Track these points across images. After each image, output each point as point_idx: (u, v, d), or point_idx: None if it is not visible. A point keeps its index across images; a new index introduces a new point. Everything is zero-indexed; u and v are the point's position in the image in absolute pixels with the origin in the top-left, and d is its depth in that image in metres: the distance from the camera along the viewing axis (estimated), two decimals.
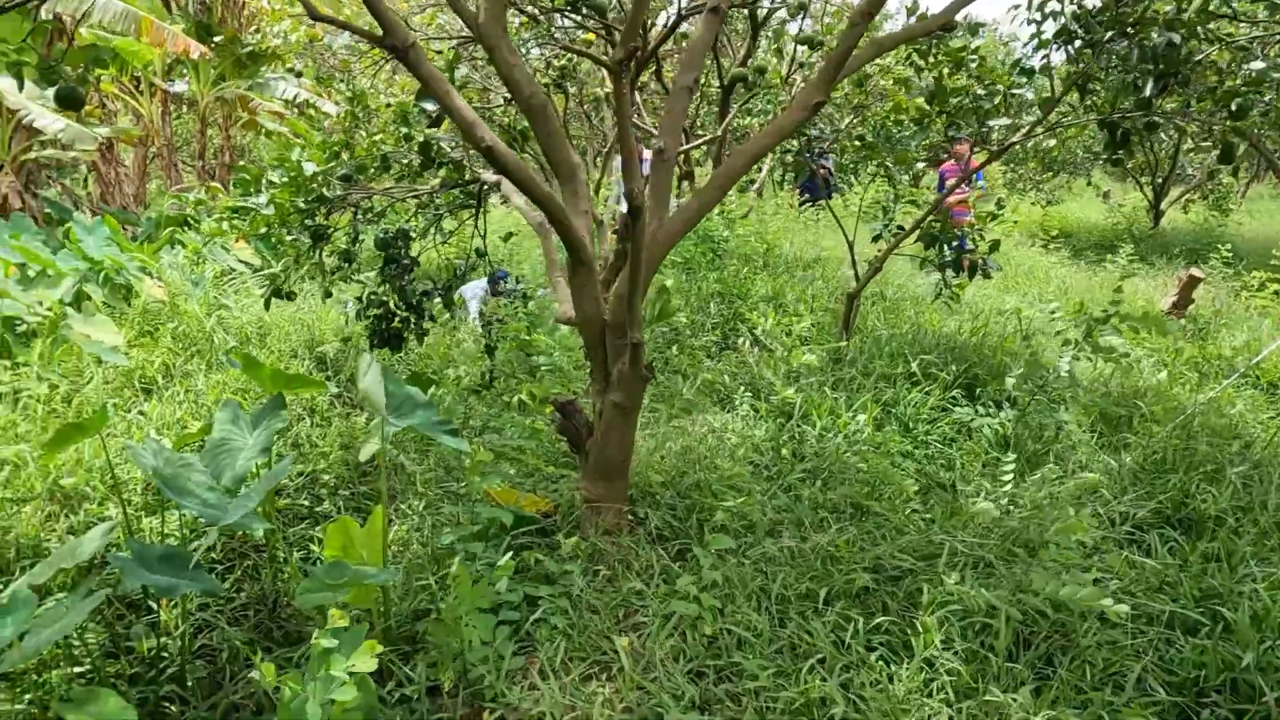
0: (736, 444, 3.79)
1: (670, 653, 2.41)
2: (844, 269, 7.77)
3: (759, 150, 2.60)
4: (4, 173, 8.07)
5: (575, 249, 2.71)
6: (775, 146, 2.64)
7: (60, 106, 2.51)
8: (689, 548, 2.94)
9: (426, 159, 4.65)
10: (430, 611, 3.14)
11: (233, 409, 3.65)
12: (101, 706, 2.53)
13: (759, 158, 2.62)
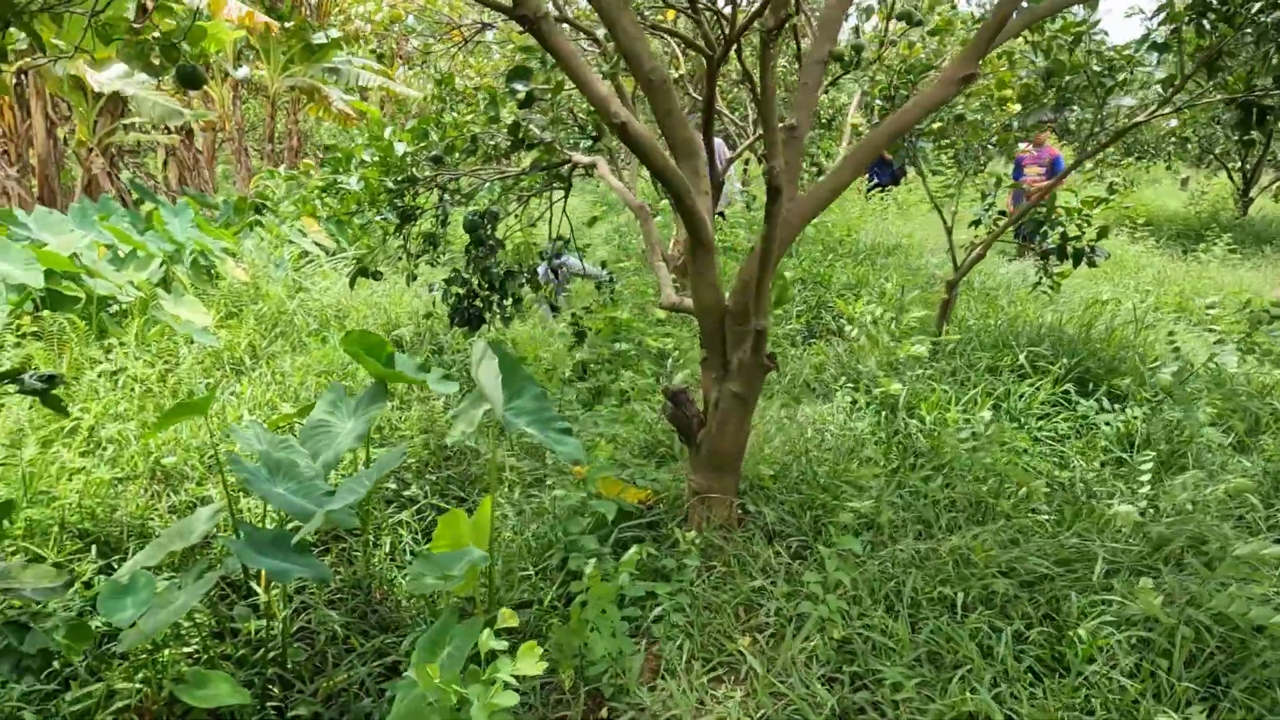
0: (840, 437, 3.64)
1: (800, 656, 2.29)
2: (927, 257, 7.51)
3: (899, 127, 2.44)
4: (93, 155, 8.25)
5: (697, 230, 2.59)
6: (920, 122, 2.48)
7: (181, 85, 2.47)
8: (806, 545, 2.82)
9: (516, 140, 4.57)
10: (531, 603, 3.08)
11: (338, 393, 3.62)
12: (215, 689, 2.52)
13: (899, 135, 2.47)
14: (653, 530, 3.13)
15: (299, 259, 7.20)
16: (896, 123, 2.44)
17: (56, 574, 1.84)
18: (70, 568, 3.01)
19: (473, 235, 4.86)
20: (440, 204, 4.77)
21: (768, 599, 2.57)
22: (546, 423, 2.72)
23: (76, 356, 4.55)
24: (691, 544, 2.58)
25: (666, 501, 3.21)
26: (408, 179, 4.51)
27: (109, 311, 5.21)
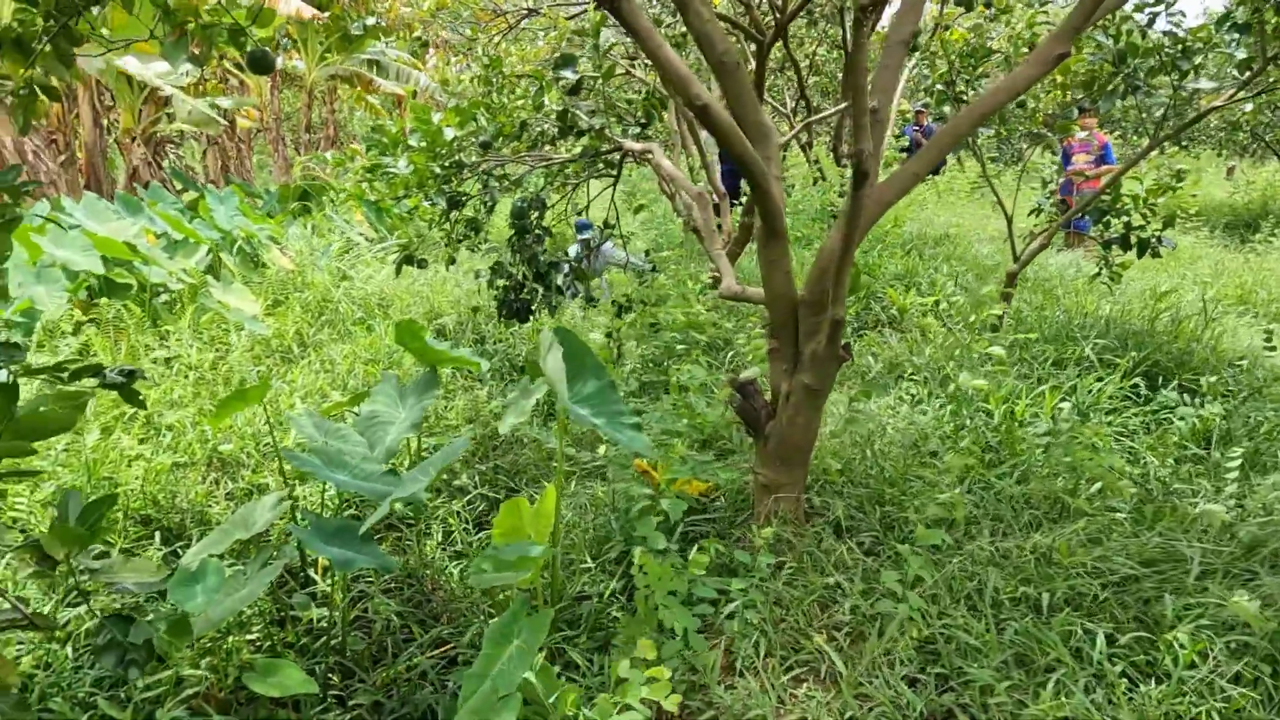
0: (904, 431, 3.55)
1: (882, 656, 2.22)
2: (976, 246, 7.36)
3: (987, 109, 2.34)
4: (135, 144, 8.32)
5: (772, 218, 2.51)
6: (1008, 104, 2.38)
7: (253, 70, 2.43)
8: (878, 541, 2.74)
9: (564, 127, 4.51)
10: (591, 596, 3.03)
11: (392, 382, 3.60)
12: (284, 678, 2.50)
13: (987, 117, 2.37)
14: (714, 523, 3.08)
15: (343, 248, 7.22)
16: (984, 105, 2.34)
17: (156, 569, 1.83)
18: (146, 556, 3.02)
19: (518, 224, 4.81)
20: (486, 190, 4.72)
21: (843, 596, 2.50)
22: (614, 415, 2.65)
23: (133, 344, 4.58)
24: (765, 539, 2.52)
25: (729, 495, 3.15)
26: (455, 164, 4.47)
27: (160, 299, 5.24)
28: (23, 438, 1.43)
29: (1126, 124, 8.93)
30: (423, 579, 3.47)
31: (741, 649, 2.28)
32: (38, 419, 1.43)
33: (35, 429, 1.44)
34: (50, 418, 1.44)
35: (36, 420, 1.43)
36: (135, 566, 1.78)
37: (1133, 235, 4.68)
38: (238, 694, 2.73)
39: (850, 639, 2.36)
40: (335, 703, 2.80)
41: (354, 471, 2.95)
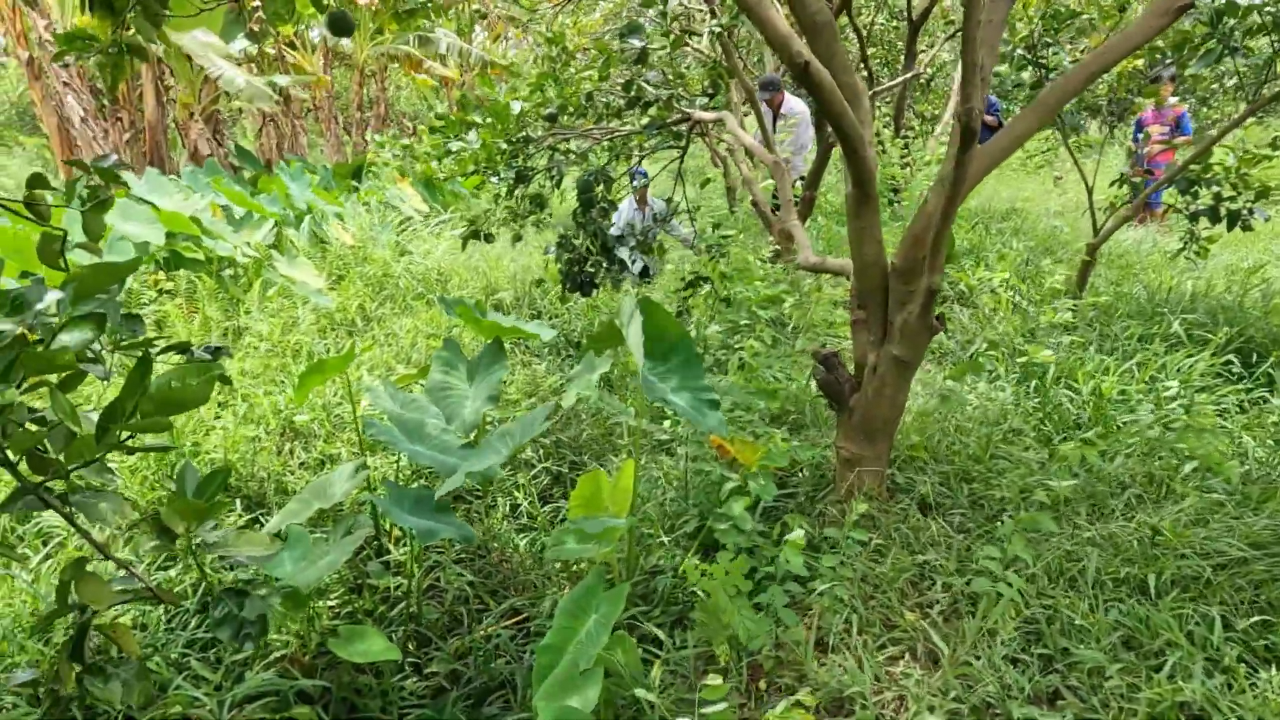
0: (983, 407, 3.44)
1: (982, 634, 2.15)
2: (1047, 220, 7.12)
3: (1100, 67, 2.22)
4: (194, 120, 8.44)
5: (864, 182, 2.42)
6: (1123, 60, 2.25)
7: (332, 31, 2.41)
8: (967, 519, 2.66)
9: (631, 98, 4.44)
10: (665, 570, 3.00)
11: (453, 351, 3.59)
12: (368, 645, 2.51)
13: (1098, 77, 2.25)
14: (793, 499, 3.02)
15: (400, 223, 7.25)
16: (1096, 63, 2.21)
17: (269, 542, 1.84)
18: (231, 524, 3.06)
19: (584, 197, 4.76)
20: (553, 164, 4.67)
21: (935, 574, 2.43)
22: (694, 391, 2.58)
23: (206, 316, 4.65)
24: (857, 516, 2.45)
25: (809, 469, 3.09)
26: (523, 139, 4.43)
27: (226, 273, 5.32)
28: (159, 412, 1.43)
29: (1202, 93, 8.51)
30: (490, 550, 3.48)
31: (834, 625, 2.22)
32: (173, 393, 1.43)
33: (171, 402, 1.44)
34: (185, 392, 1.44)
35: (171, 394, 1.43)
36: (249, 539, 1.79)
37: (1222, 207, 4.46)
38: (319, 658, 2.76)
39: (945, 617, 2.29)
40: (413, 670, 2.83)
41: (433, 444, 2.95)
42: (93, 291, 1.38)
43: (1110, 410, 3.25)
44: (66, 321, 1.34)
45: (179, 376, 1.45)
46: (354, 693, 2.66)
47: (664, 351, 2.66)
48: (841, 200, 7.92)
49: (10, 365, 1.24)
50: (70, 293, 1.37)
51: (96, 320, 1.38)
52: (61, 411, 1.29)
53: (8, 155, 16.27)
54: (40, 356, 1.26)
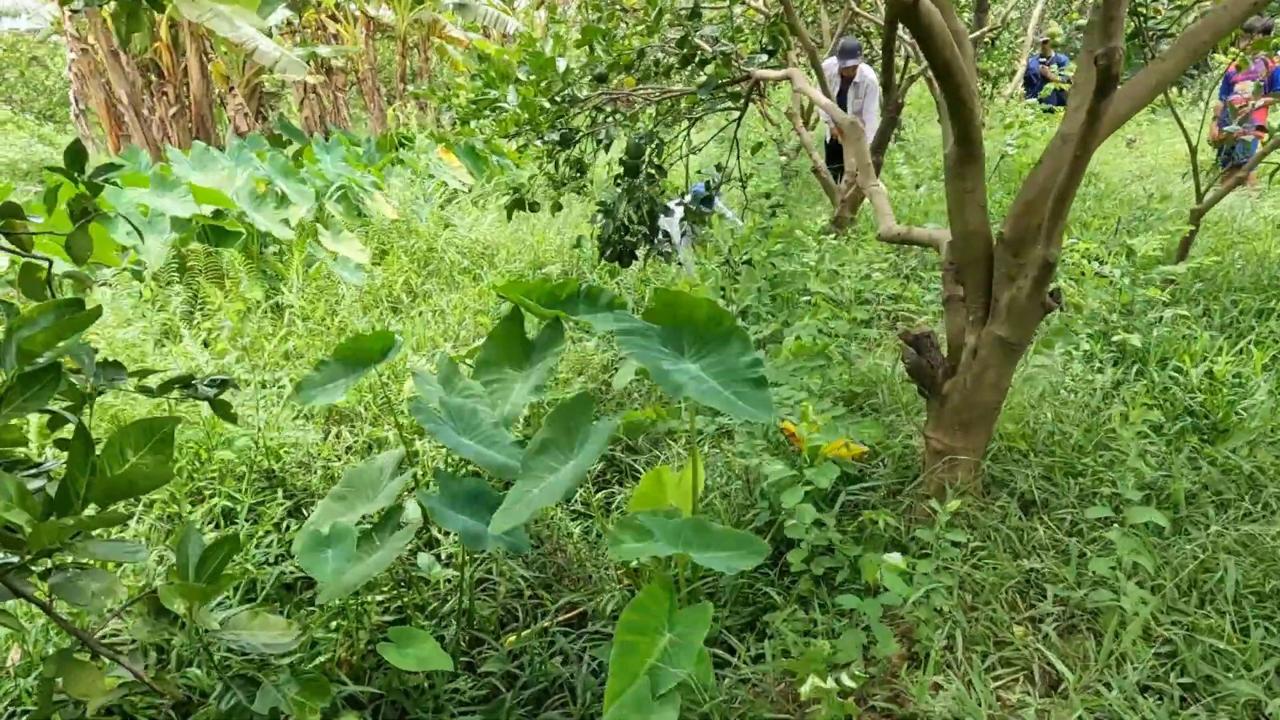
0: (1080, 392, 3.13)
1: (1107, 656, 1.88)
2: (1130, 186, 6.66)
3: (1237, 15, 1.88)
4: (232, 95, 8.34)
5: (970, 140, 2.12)
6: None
7: None
8: (1077, 519, 2.38)
9: (686, 56, 4.14)
10: None
11: (510, 328, 3.38)
12: (419, 650, 2.34)
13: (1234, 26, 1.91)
14: (874, 492, 2.76)
15: (444, 196, 7.06)
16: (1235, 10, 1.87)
17: (286, 626, 1.63)
18: (269, 514, 2.91)
19: (632, 163, 4.49)
20: (600, 126, 4.39)
21: (1044, 582, 2.16)
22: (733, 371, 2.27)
23: (241, 293, 4.51)
24: (950, 514, 2.18)
25: (890, 460, 2.82)
26: (569, 98, 4.17)
27: (268, 249, 5.18)
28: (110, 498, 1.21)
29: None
30: (544, 541, 3.29)
31: (935, 641, 1.97)
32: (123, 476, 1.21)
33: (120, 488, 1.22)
34: (138, 473, 1.22)
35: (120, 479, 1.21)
36: (264, 623, 1.59)
37: None
38: (365, 659, 2.61)
39: (1060, 634, 2.02)
40: (465, 669, 2.66)
41: (481, 436, 2.74)
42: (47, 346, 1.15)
43: (1228, 395, 2.91)
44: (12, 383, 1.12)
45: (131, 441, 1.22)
46: (403, 695, 2.50)
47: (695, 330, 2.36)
48: (902, 169, 7.51)
49: None
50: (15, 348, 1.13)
51: (50, 378, 1.16)
52: (3, 495, 1.07)
53: (61, 133, 16.52)
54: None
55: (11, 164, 12.13)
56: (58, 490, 1.14)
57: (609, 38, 4.02)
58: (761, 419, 2.15)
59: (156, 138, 8.49)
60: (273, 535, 2.82)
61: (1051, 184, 2.06)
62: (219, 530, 2.78)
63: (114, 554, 1.31)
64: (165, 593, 1.38)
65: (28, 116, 16.98)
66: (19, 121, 15.46)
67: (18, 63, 16.92)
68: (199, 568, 1.54)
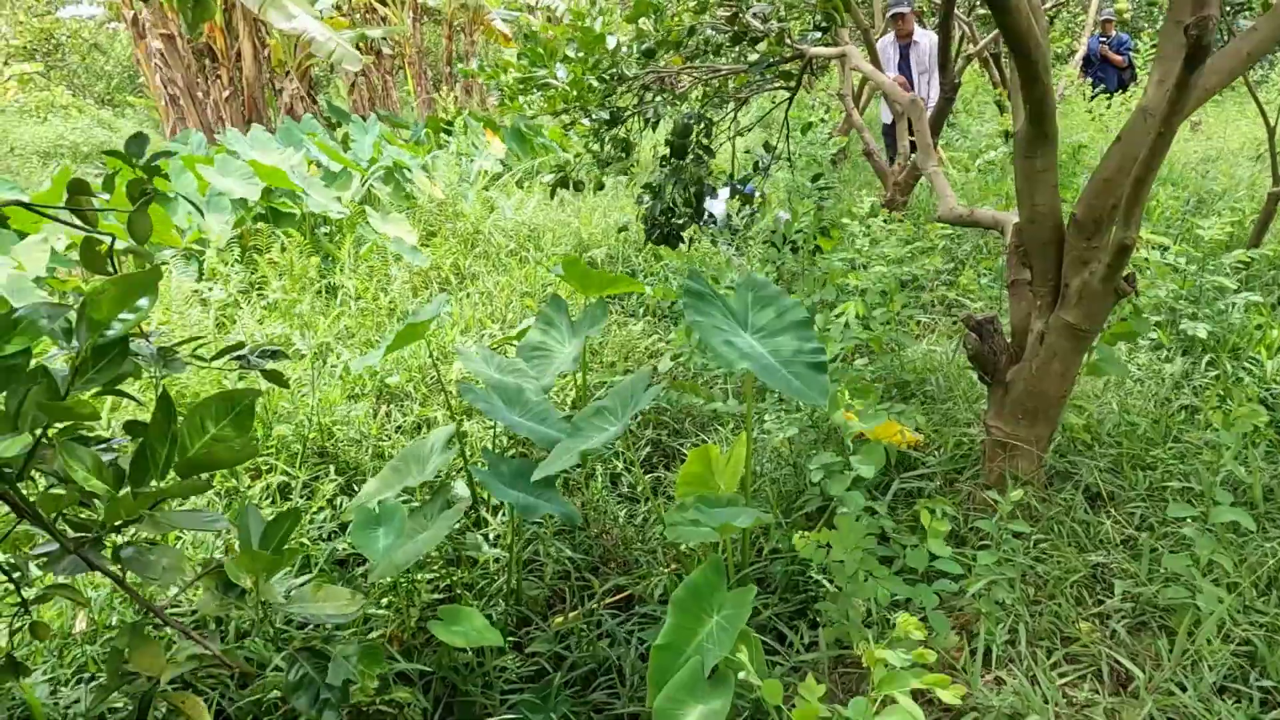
0: (1148, 382, 3.02)
1: (1180, 656, 1.81)
2: (1196, 168, 6.40)
3: None
4: (289, 80, 8.44)
5: (1043, 117, 2.04)
6: None
7: None
8: (1147, 514, 2.29)
9: (737, 33, 4.06)
10: (781, 554, 2.75)
11: (559, 309, 3.37)
12: (469, 627, 2.35)
13: None
14: (929, 480, 2.69)
15: (489, 178, 7.07)
16: None
17: (350, 597, 1.64)
18: (322, 490, 2.95)
19: (679, 142, 4.43)
20: (647, 104, 4.33)
21: (1112, 578, 2.08)
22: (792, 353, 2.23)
23: (299, 272, 4.57)
24: (1012, 505, 2.12)
25: (947, 448, 2.75)
26: (617, 76, 4.11)
27: (320, 229, 5.24)
28: (191, 471, 1.21)
29: None
30: (590, 523, 3.29)
31: (997, 635, 1.92)
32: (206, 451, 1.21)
33: (203, 463, 1.22)
34: (221, 453, 1.22)
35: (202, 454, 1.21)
36: (329, 595, 1.60)
37: None
38: (415, 636, 2.63)
39: (1130, 631, 1.95)
40: (513, 648, 2.67)
41: (532, 412, 2.74)
42: (115, 312, 1.15)
43: None
44: (86, 354, 1.12)
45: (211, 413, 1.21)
46: (453, 671, 2.52)
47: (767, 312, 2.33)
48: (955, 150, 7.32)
49: (18, 411, 1.02)
50: (85, 317, 1.13)
51: (120, 350, 1.16)
52: (81, 466, 1.08)
53: (120, 117, 16.95)
54: (59, 406, 1.05)
55: (73, 146, 12.48)
56: (133, 461, 1.15)
57: (659, 13, 3.95)
58: (816, 402, 2.11)
59: (210, 120, 8.65)
60: (325, 511, 2.86)
61: (1129, 162, 1.97)
62: (274, 506, 2.82)
63: (193, 523, 1.32)
64: (231, 566, 1.40)
65: (88, 100, 17.44)
66: (79, 105, 15.89)
67: (79, 48, 17.38)
68: (262, 542, 1.55)
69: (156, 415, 1.17)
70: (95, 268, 1.27)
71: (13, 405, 1.03)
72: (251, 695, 2.11)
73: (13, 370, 1.02)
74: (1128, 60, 10.50)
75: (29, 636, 1.54)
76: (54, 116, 14.63)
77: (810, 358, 2.19)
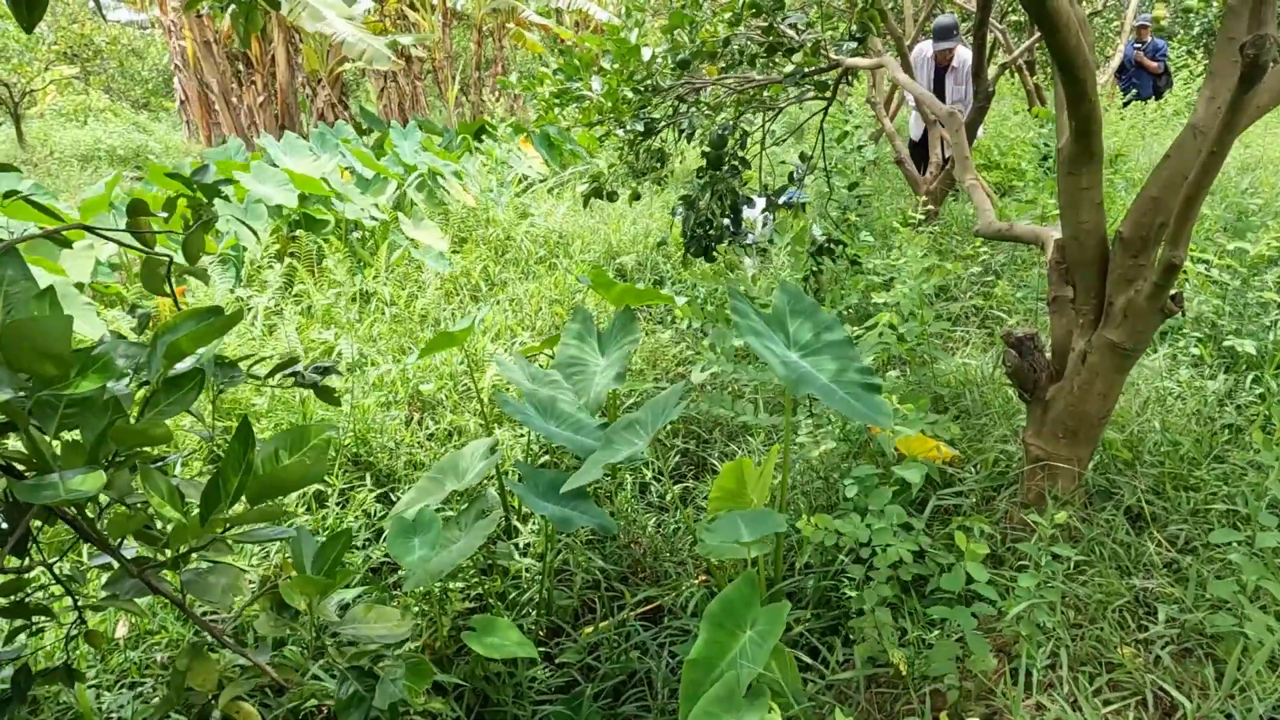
0: (1190, 400, 2.96)
1: (1229, 685, 1.78)
2: (1238, 179, 6.28)
3: None
4: (322, 86, 8.55)
5: (1089, 134, 2.01)
6: None
7: None
8: (1192, 537, 2.25)
9: (771, 44, 4.06)
10: (814, 569, 2.73)
11: (584, 321, 3.39)
12: (502, 638, 2.36)
13: None
14: (965, 497, 2.66)
15: (521, 186, 7.11)
16: None
17: (401, 618, 1.67)
18: (358, 499, 2.97)
19: (714, 154, 4.43)
20: (682, 115, 4.34)
21: (1156, 603, 2.05)
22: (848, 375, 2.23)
23: (333, 278, 4.62)
24: (1054, 527, 2.09)
25: (982, 465, 2.72)
26: (652, 87, 4.13)
27: (354, 235, 5.30)
28: (266, 495, 1.23)
29: None
30: (619, 533, 3.29)
31: (1038, 659, 1.89)
32: (281, 471, 1.23)
33: (278, 483, 1.25)
34: (295, 471, 1.24)
35: (279, 474, 1.24)
36: (380, 615, 1.62)
37: None
38: (449, 645, 2.65)
39: (1174, 658, 1.91)
40: (543, 659, 2.68)
41: (567, 423, 2.76)
42: (193, 349, 1.18)
43: None
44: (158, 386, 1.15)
45: (286, 445, 1.24)
46: (485, 681, 2.53)
47: (810, 329, 2.33)
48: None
49: (99, 440, 1.05)
50: (163, 352, 1.17)
51: (195, 382, 1.19)
52: (157, 493, 1.10)
53: (155, 120, 17.27)
54: (132, 431, 1.08)
55: (111, 150, 12.73)
56: (206, 488, 1.18)
57: (694, 25, 3.96)
58: (882, 424, 2.10)
59: (244, 125, 8.79)
60: (361, 521, 2.89)
61: (1178, 179, 1.94)
62: (311, 514, 2.85)
63: (265, 537, 1.35)
64: (286, 588, 1.42)
65: (124, 105, 17.79)
66: (116, 109, 16.20)
67: (117, 54, 17.73)
68: (315, 563, 1.57)
69: (234, 445, 1.20)
70: (154, 288, 1.29)
71: (89, 439, 1.05)
72: (290, 703, 2.14)
73: (88, 404, 1.05)
74: (1163, 67, 10.33)
75: (82, 644, 1.58)
76: (92, 120, 14.94)
77: (862, 378, 2.18)
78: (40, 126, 14.38)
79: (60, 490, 0.93)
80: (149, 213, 1.23)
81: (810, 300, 2.45)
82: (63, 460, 1.00)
